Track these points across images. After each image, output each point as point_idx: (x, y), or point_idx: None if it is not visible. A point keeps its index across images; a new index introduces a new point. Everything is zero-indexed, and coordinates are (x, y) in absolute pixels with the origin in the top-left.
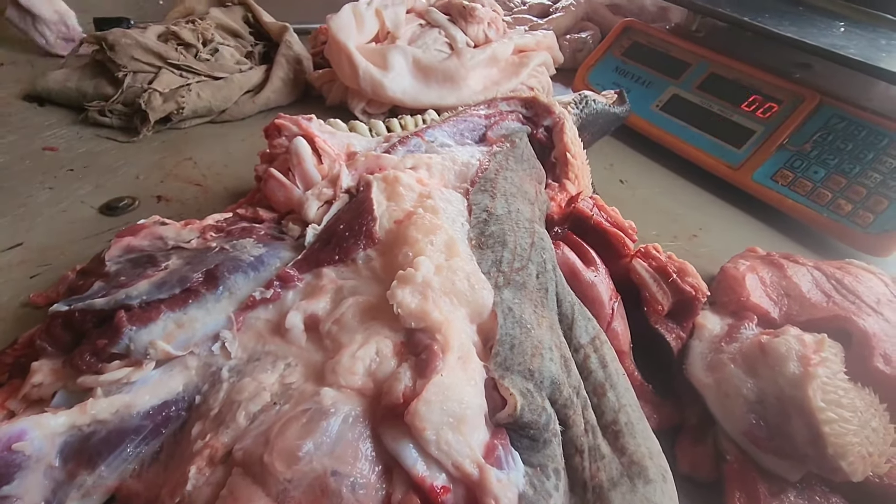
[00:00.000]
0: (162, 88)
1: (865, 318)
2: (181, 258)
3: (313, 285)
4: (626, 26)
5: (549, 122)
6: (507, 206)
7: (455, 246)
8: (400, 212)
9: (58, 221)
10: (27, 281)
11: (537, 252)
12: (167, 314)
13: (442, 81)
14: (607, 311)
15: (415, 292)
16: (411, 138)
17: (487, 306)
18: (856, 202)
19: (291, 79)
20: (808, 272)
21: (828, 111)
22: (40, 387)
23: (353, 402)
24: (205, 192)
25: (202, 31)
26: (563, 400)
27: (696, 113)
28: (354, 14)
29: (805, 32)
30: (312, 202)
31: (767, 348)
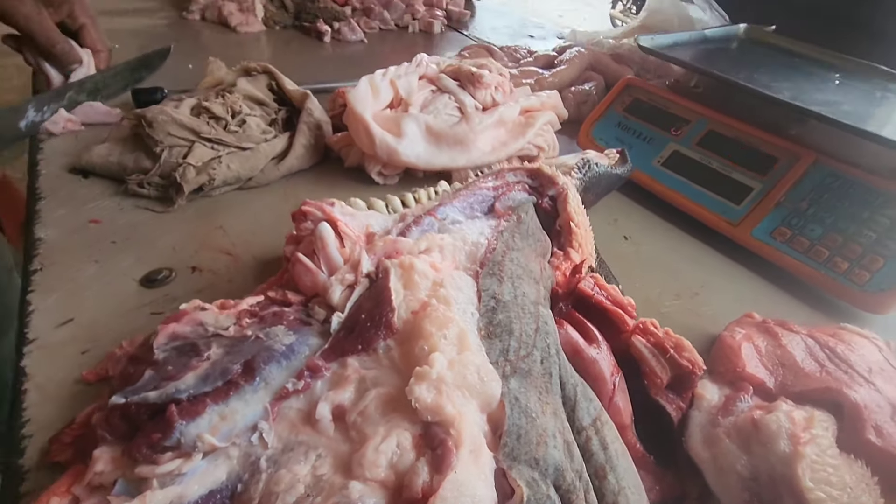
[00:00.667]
0: (195, 162)
1: (857, 388)
2: (221, 347)
3: (339, 374)
4: (627, 83)
5: (553, 192)
6: (514, 290)
7: (466, 339)
8: (416, 302)
9: (104, 295)
10: (79, 357)
11: (541, 337)
12: (212, 407)
13: (453, 145)
14: (609, 387)
15: (430, 388)
16: (424, 217)
17: (496, 397)
18: (852, 260)
19: (312, 144)
20: (801, 341)
21: (823, 170)
22: (102, 474)
23: (378, 494)
24: (235, 262)
25: (231, 104)
26: (566, 485)
27: (696, 169)
28: (371, 86)
29: (799, 88)
30: (336, 287)
31: (760, 425)
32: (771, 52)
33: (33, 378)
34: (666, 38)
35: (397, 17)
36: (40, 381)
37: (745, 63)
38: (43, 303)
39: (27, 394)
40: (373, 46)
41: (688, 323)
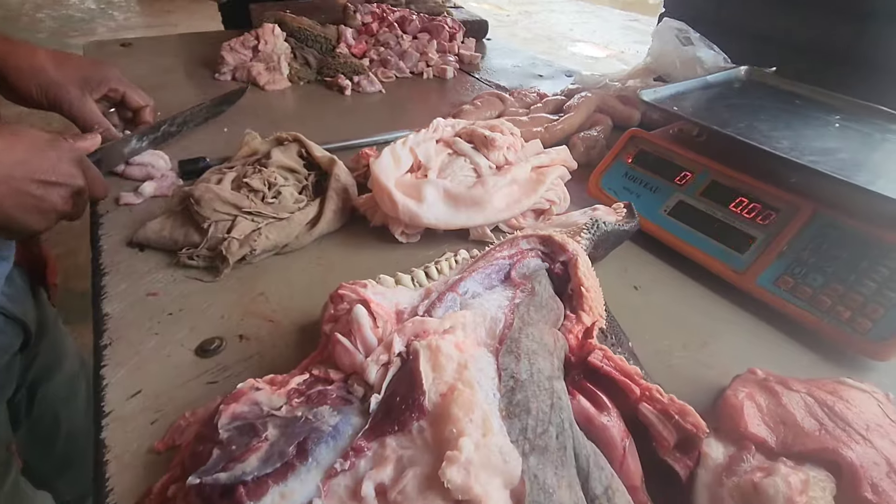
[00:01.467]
0: (238, 235)
1: (854, 447)
2: (276, 427)
3: (379, 454)
4: (633, 135)
5: (564, 258)
6: (530, 367)
7: (489, 421)
8: (443, 385)
9: (165, 366)
10: (148, 427)
11: (556, 413)
12: (273, 488)
13: (470, 206)
14: (619, 451)
15: (460, 469)
16: (447, 294)
17: (517, 475)
18: (854, 309)
19: (340, 208)
20: (801, 399)
21: (822, 220)
22: None
23: None
24: (276, 328)
25: (267, 177)
26: None
27: (700, 218)
28: (392, 155)
29: (799, 135)
30: (372, 367)
31: (759, 489)
32: (772, 93)
33: (112, 450)
34: (668, 90)
35: (412, 66)
36: (118, 452)
37: (746, 109)
38: (114, 376)
39: (108, 464)
40: (390, 95)
41: (697, 375)
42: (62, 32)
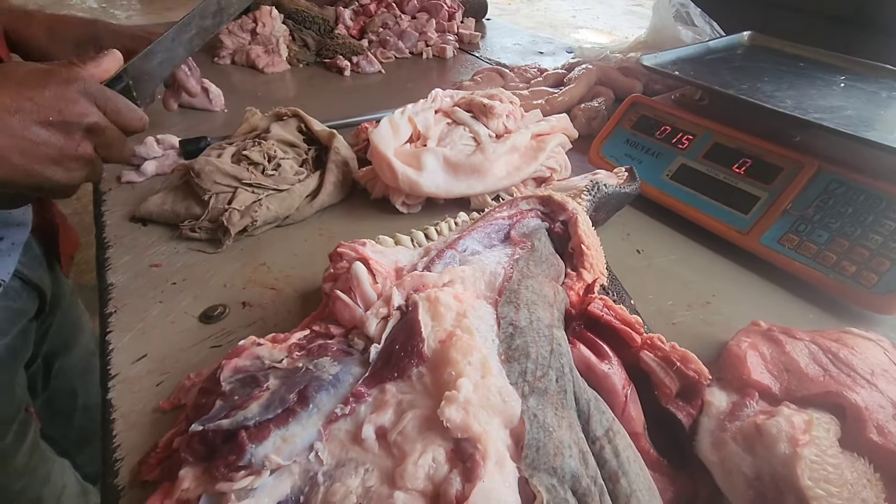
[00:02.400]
0: (239, 206)
1: (859, 390)
2: (277, 378)
3: (379, 399)
4: (634, 101)
5: (564, 217)
6: (530, 315)
7: (488, 364)
8: (442, 332)
9: (169, 332)
10: (154, 388)
11: (556, 358)
12: (275, 432)
13: (470, 173)
14: (621, 399)
15: (459, 409)
16: (446, 251)
17: (516, 415)
18: (859, 263)
19: (341, 180)
20: (805, 346)
21: (826, 177)
22: (188, 490)
23: (419, 503)
24: (278, 295)
25: (266, 150)
26: (582, 489)
27: (703, 181)
28: (391, 125)
29: (803, 95)
30: (372, 320)
31: (762, 429)
32: (776, 58)
33: (119, 409)
34: (669, 55)
35: (411, 46)
36: (124, 411)
37: (750, 71)
38: (120, 342)
39: (115, 422)
40: (390, 75)
41: (700, 332)
42: None
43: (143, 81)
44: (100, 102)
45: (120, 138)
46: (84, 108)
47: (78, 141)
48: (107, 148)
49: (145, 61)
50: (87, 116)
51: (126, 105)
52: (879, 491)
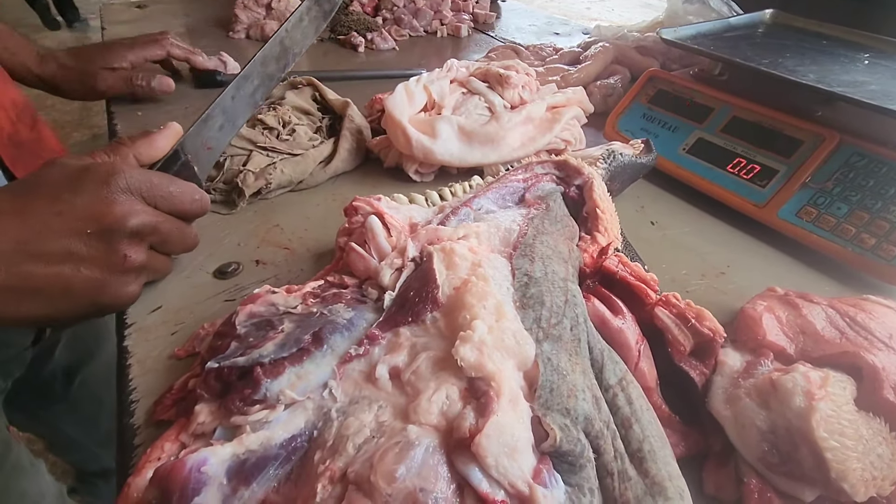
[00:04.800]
0: (254, 169)
1: (876, 352)
2: (292, 322)
3: (393, 342)
4: (651, 76)
5: (579, 181)
6: (545, 268)
7: (502, 308)
8: (457, 280)
9: (184, 286)
10: (169, 337)
11: (570, 308)
12: (290, 369)
13: (484, 142)
14: (634, 354)
15: (473, 349)
16: (461, 208)
17: (531, 357)
18: (879, 236)
19: (355, 148)
20: (822, 310)
21: (848, 149)
22: (203, 424)
23: (432, 435)
24: (292, 255)
25: (281, 115)
26: (595, 432)
27: (721, 155)
28: (406, 92)
29: (826, 70)
30: (386, 271)
31: (777, 384)
32: (798, 35)
33: (135, 355)
34: (689, 30)
35: (426, 24)
36: (140, 357)
37: (771, 48)
38: None
39: (131, 367)
40: (404, 53)
41: (713, 300)
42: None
43: (204, 152)
44: (147, 195)
45: (180, 229)
46: (125, 208)
47: (124, 250)
48: (165, 244)
49: (203, 129)
50: (129, 217)
51: (180, 188)
52: (895, 448)
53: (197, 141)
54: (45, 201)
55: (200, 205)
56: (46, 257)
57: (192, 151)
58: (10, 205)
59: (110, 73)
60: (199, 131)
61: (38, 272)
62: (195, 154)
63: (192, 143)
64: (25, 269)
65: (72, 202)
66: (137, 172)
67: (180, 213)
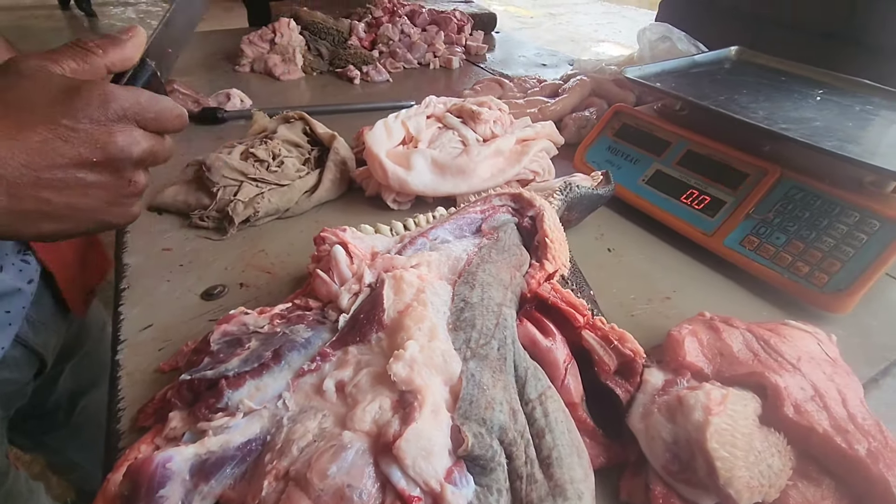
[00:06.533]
0: (243, 198)
1: (782, 373)
2: (258, 340)
3: (342, 359)
4: (617, 110)
5: (532, 212)
6: (482, 294)
7: (435, 330)
8: (401, 304)
9: (174, 307)
10: (156, 353)
11: (500, 330)
12: (250, 381)
13: (456, 174)
14: (561, 372)
15: (405, 366)
16: (418, 238)
17: (456, 374)
18: (812, 264)
19: (339, 178)
20: (740, 334)
21: (788, 183)
22: (175, 429)
23: (363, 440)
24: (273, 278)
25: (272, 148)
26: (508, 440)
27: (675, 186)
28: (385, 127)
29: (777, 107)
30: (345, 295)
31: (682, 400)
32: (759, 72)
33: (125, 368)
34: (654, 67)
35: (420, 57)
36: (129, 370)
37: (730, 84)
38: (130, 313)
39: (121, 379)
40: (397, 84)
41: (656, 324)
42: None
43: (167, 59)
44: (140, 119)
45: (165, 146)
46: (127, 137)
47: (129, 176)
48: (154, 161)
49: (166, 33)
50: (133, 146)
51: (164, 108)
52: (787, 460)
53: (160, 47)
54: (44, 126)
55: (182, 120)
56: (56, 183)
57: (157, 58)
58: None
59: None
60: (162, 36)
61: (49, 196)
62: (159, 60)
63: (156, 49)
64: (37, 192)
65: (74, 128)
66: (127, 95)
67: (165, 131)
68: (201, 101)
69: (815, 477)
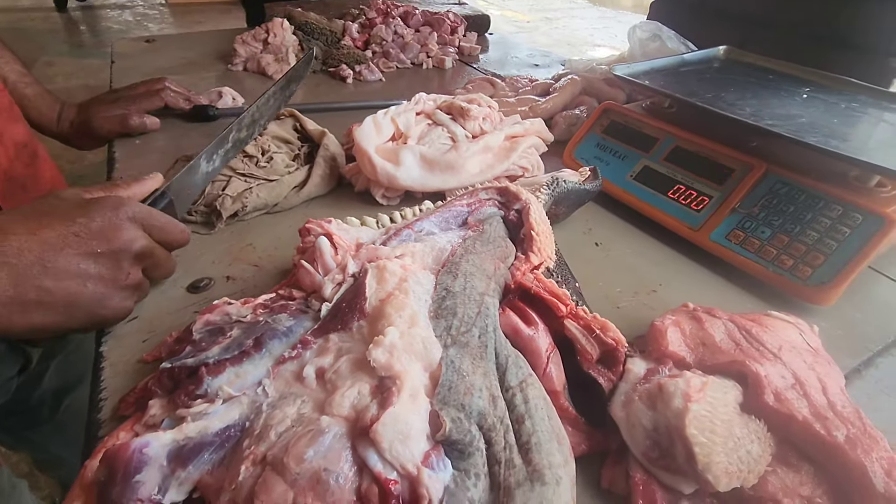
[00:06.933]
0: (232, 193)
1: (763, 362)
2: (240, 329)
3: (322, 346)
4: (606, 108)
5: (518, 206)
6: (465, 283)
7: (416, 318)
8: (383, 293)
9: (160, 299)
10: (140, 344)
11: (481, 319)
12: (230, 368)
13: (444, 169)
14: (543, 360)
15: (384, 352)
16: (403, 230)
17: (436, 360)
18: (796, 257)
19: (328, 174)
20: (722, 324)
21: (773, 178)
22: (154, 417)
23: (341, 425)
24: (260, 271)
25: (261, 144)
26: (487, 425)
27: (663, 181)
28: (374, 123)
29: (764, 104)
30: (328, 285)
31: (662, 388)
32: (747, 70)
33: (108, 359)
34: (643, 65)
35: (413, 57)
36: (113, 360)
37: (718, 83)
38: None
39: (104, 370)
40: (390, 83)
41: (641, 315)
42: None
43: (183, 196)
44: (145, 224)
45: (166, 256)
46: (132, 233)
47: (128, 269)
48: (154, 268)
49: (187, 177)
50: (135, 242)
51: (170, 222)
52: (767, 446)
53: (180, 186)
54: (62, 224)
55: (184, 237)
56: (60, 273)
57: (175, 194)
58: (23, 227)
59: (107, 119)
60: (183, 179)
61: (51, 286)
62: (177, 196)
63: (176, 186)
64: (40, 282)
65: (87, 225)
66: (138, 204)
67: (168, 242)
68: (192, 98)
69: (795, 463)
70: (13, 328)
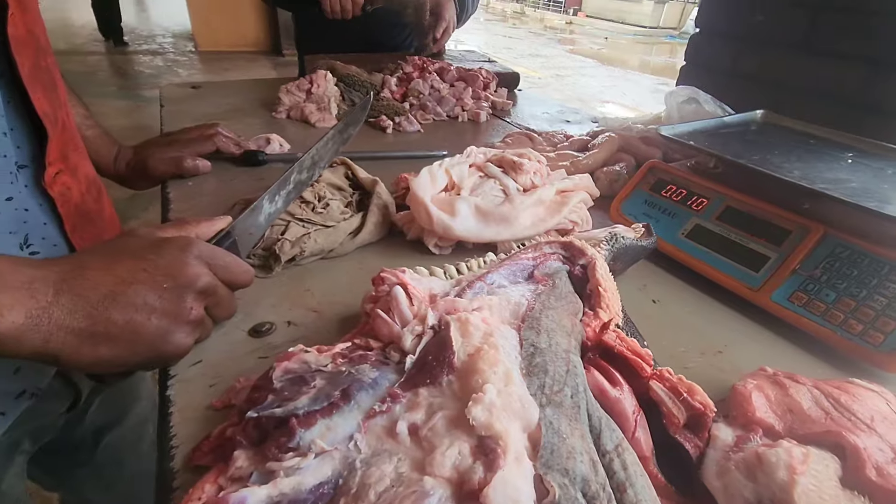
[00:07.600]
0: (290, 238)
1: (858, 433)
2: (323, 379)
3: (413, 401)
4: (651, 166)
5: (583, 261)
6: (549, 340)
7: (511, 375)
8: (471, 347)
9: (222, 343)
10: (207, 389)
11: (571, 377)
12: (321, 421)
13: (498, 221)
14: (631, 423)
15: (484, 410)
16: (476, 282)
17: (534, 421)
18: (865, 322)
19: (381, 221)
20: (808, 391)
21: (832, 241)
22: (241, 469)
23: (444, 487)
24: (320, 317)
25: (318, 191)
26: (591, 493)
27: (716, 240)
28: (430, 174)
29: (810, 167)
30: (408, 336)
31: (762, 458)
32: (786, 134)
33: (176, 404)
34: (686, 127)
35: (449, 110)
36: (181, 406)
37: (761, 145)
38: None
39: (172, 415)
40: (428, 135)
41: (712, 377)
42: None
43: (246, 237)
44: (211, 263)
45: (229, 296)
46: (197, 270)
47: (191, 304)
48: (217, 307)
49: (251, 217)
50: (200, 278)
51: (234, 261)
52: None
53: (244, 227)
54: (133, 260)
55: (248, 276)
56: (128, 306)
57: (239, 234)
58: (100, 262)
59: (162, 161)
60: (247, 219)
61: (117, 318)
62: (241, 236)
63: (240, 227)
64: (109, 314)
65: (156, 262)
66: (206, 244)
67: (231, 281)
68: (242, 143)
69: None
70: (82, 360)
